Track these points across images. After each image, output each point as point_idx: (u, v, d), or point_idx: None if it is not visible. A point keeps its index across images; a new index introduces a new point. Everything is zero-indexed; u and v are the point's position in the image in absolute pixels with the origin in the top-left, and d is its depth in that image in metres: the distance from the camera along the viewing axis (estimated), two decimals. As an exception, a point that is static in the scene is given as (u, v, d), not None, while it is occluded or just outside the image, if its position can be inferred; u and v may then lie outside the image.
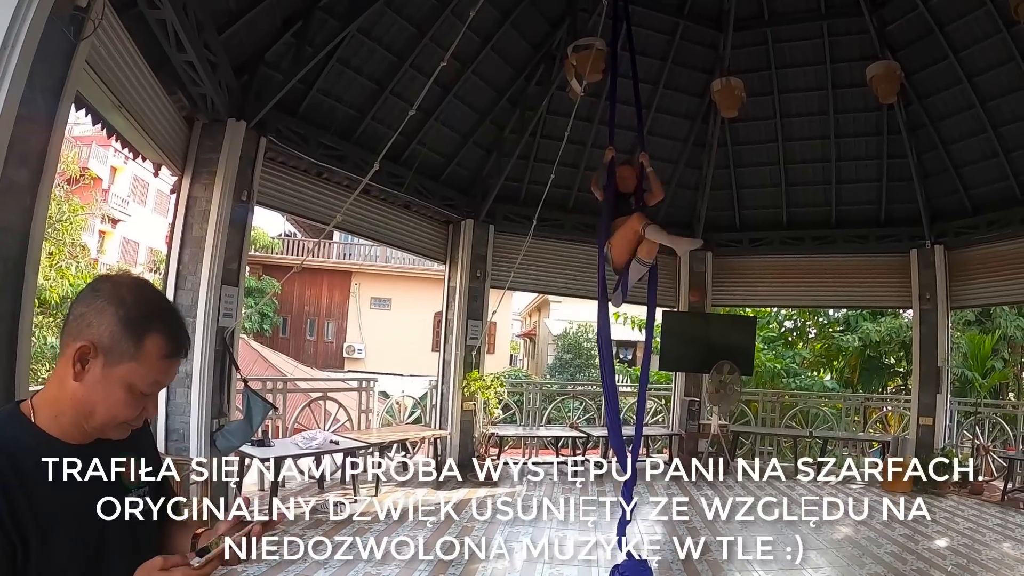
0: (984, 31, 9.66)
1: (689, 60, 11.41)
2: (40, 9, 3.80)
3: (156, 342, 1.48)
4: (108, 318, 1.46)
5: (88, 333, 1.46)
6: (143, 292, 1.53)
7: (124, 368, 1.47)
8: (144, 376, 1.49)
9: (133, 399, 1.50)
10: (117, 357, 1.46)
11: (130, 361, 1.47)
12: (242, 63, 7.70)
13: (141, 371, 1.48)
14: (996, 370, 16.78)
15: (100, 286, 1.51)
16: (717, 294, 13.04)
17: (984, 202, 11.06)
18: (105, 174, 25.88)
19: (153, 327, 1.49)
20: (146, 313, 1.49)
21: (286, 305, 26.40)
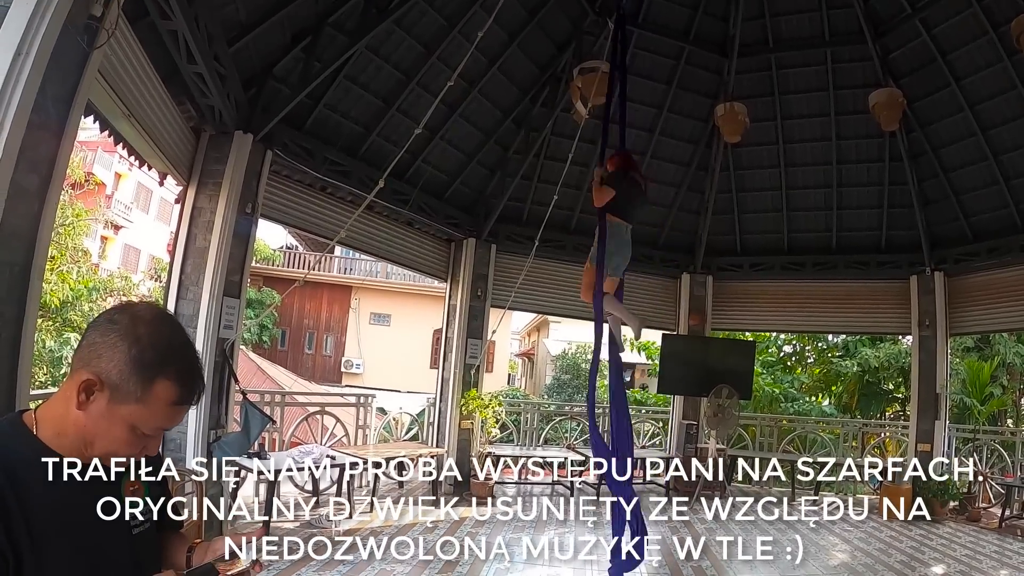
0: (986, 60, 9.76)
1: (693, 85, 11.50)
2: (55, 17, 3.83)
3: (166, 388, 1.44)
4: (119, 355, 1.42)
5: (97, 365, 1.42)
6: (160, 333, 1.47)
7: (128, 409, 1.43)
8: (148, 420, 1.46)
9: (134, 438, 1.47)
10: (123, 396, 1.42)
11: (135, 403, 1.43)
12: (251, 76, 7.75)
13: (146, 414, 1.45)
14: (995, 397, 16.80)
15: (118, 318, 1.46)
16: (717, 318, 13.05)
17: (984, 229, 11.12)
18: (109, 180, 25.96)
19: (165, 372, 1.44)
20: (160, 357, 1.44)
21: (285, 318, 26.38)
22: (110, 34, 4.28)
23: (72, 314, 16.06)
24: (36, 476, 1.42)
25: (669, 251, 12.90)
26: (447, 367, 11.50)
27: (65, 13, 3.91)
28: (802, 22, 10.67)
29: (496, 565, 6.67)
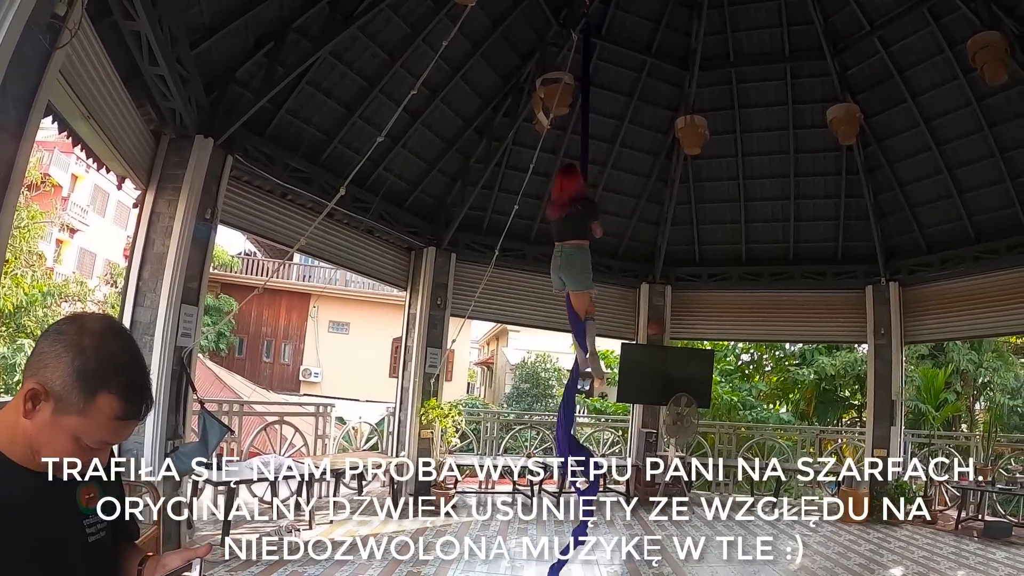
0: (942, 77, 10.05)
1: (655, 97, 11.62)
2: (18, 15, 3.74)
3: (109, 402, 1.41)
4: (63, 366, 1.39)
5: (43, 375, 1.40)
6: (107, 346, 1.43)
7: (71, 421, 1.41)
8: (91, 433, 1.43)
9: (79, 450, 1.44)
10: (66, 408, 1.40)
11: (78, 415, 1.40)
12: (212, 79, 7.64)
13: (89, 427, 1.42)
14: (949, 403, 17.23)
15: (66, 328, 1.44)
16: (676, 327, 13.15)
17: (938, 241, 11.41)
18: (66, 182, 25.37)
19: (107, 386, 1.41)
20: (103, 370, 1.41)
21: (243, 325, 26.01)
22: (73, 33, 4.18)
23: (26, 320, 15.64)
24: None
25: (628, 261, 12.98)
26: (407, 376, 11.42)
27: (28, 11, 3.82)
28: (763, 37, 10.87)
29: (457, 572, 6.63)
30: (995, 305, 10.93)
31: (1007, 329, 12.45)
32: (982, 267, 10.94)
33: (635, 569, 7.15)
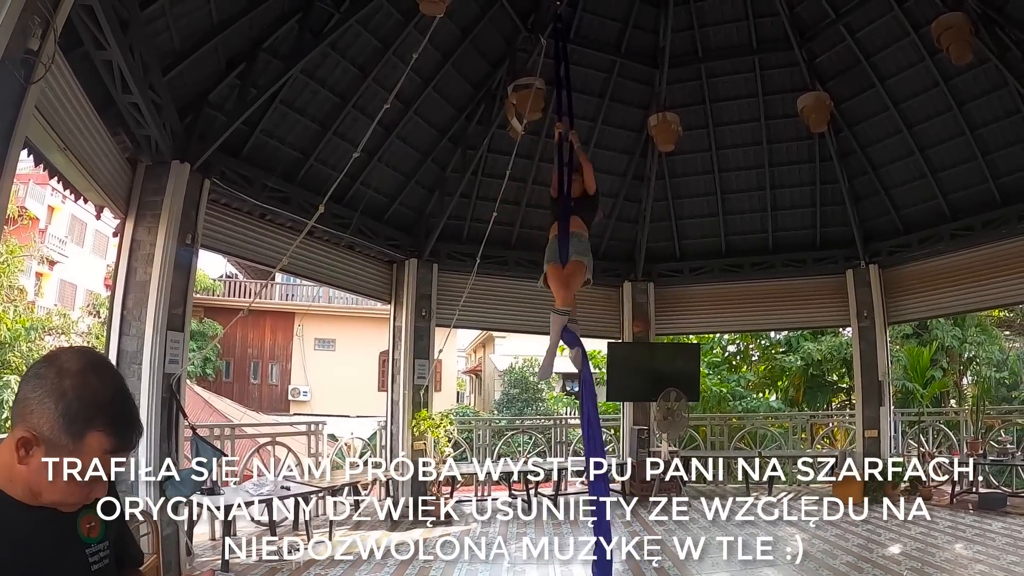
0: (909, 60, 10.19)
1: (626, 96, 11.69)
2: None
3: (97, 439, 1.42)
4: (47, 412, 1.40)
5: (30, 421, 1.41)
6: (87, 385, 1.43)
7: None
8: (90, 461, 1.44)
9: (77, 487, 1.45)
10: (57, 451, 1.41)
11: (70, 456, 1.41)
12: (186, 104, 7.64)
13: (84, 464, 1.43)
14: (936, 379, 17.40)
15: (44, 372, 1.43)
16: (660, 323, 13.22)
17: (915, 221, 11.56)
18: (43, 214, 25.11)
19: (94, 425, 1.42)
20: (87, 409, 1.41)
21: (229, 348, 25.86)
22: (47, 68, 4.18)
23: (11, 355, 15.45)
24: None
25: (609, 261, 13.02)
26: (396, 389, 11.41)
27: (2, 48, 3.80)
28: (730, 32, 10.97)
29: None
30: (975, 280, 11.08)
31: (988, 303, 12.62)
32: (959, 244, 11.09)
33: (636, 567, 7.19)
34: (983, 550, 7.49)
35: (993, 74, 9.65)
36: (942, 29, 8.19)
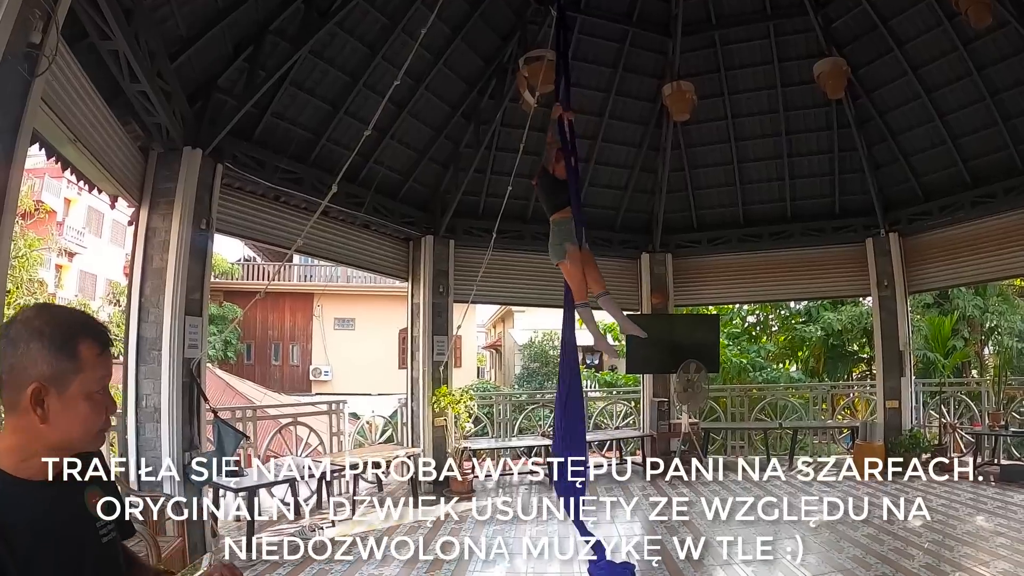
0: (926, 23, 9.97)
1: (639, 66, 11.54)
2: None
3: (87, 346, 1.54)
4: (38, 353, 1.50)
5: (29, 374, 1.49)
6: (52, 315, 1.57)
7: (76, 384, 1.52)
8: (94, 381, 1.55)
9: (96, 405, 1.56)
10: (66, 380, 1.51)
11: (75, 375, 1.52)
12: (195, 90, 7.63)
13: (90, 377, 1.54)
14: (957, 349, 17.25)
15: (12, 333, 1.53)
16: (679, 295, 13.17)
17: (935, 188, 11.38)
18: (59, 207, 25.31)
19: (78, 336, 1.54)
20: (67, 329, 1.53)
21: (249, 331, 26.07)
22: (51, 61, 4.17)
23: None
24: (9, 505, 1.48)
25: (627, 232, 12.97)
26: (415, 366, 11.46)
27: (4, 43, 3.80)
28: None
29: (482, 562, 6.70)
30: (997, 249, 10.91)
31: (1011, 272, 12.40)
32: (981, 212, 10.91)
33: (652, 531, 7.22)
34: (1004, 523, 7.45)
35: (1014, 37, 9.42)
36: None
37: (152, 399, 7.21)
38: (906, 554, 6.48)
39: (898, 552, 6.54)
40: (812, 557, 6.42)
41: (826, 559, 6.42)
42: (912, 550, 6.58)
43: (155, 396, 7.21)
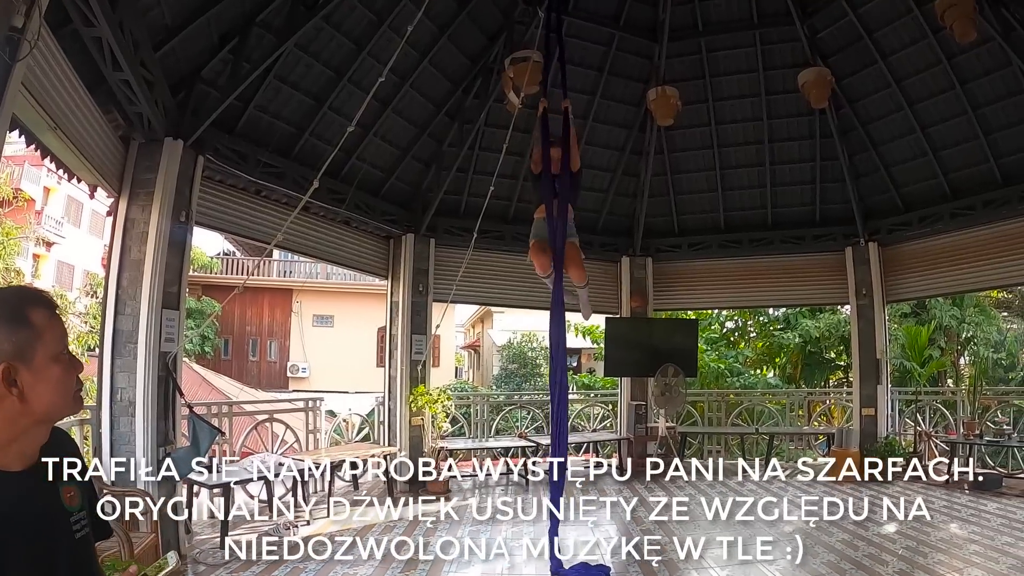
0: (912, 36, 10.08)
1: (625, 70, 11.57)
2: (-26, 31, 3.66)
3: (39, 313, 1.54)
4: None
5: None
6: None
7: (40, 351, 1.51)
8: (55, 341, 1.55)
9: (65, 366, 1.55)
10: (29, 350, 1.50)
11: (37, 342, 1.51)
12: (178, 81, 7.53)
13: (50, 339, 1.54)
14: (934, 359, 17.45)
15: None
16: (659, 299, 13.22)
17: (915, 199, 11.50)
18: (38, 195, 24.94)
19: (24, 307, 1.53)
20: (15, 302, 1.54)
21: (227, 326, 25.86)
22: (32, 45, 4.09)
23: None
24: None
25: (608, 235, 12.99)
26: (393, 365, 11.40)
27: (-15, 27, 3.73)
28: (731, 5, 10.83)
29: (456, 562, 6.68)
30: (974, 260, 11.06)
31: (988, 283, 12.62)
32: (960, 223, 11.04)
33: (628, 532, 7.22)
34: (978, 530, 7.52)
35: (997, 53, 9.55)
36: (946, 6, 8.05)
37: (127, 393, 7.11)
38: (880, 560, 6.53)
39: (872, 558, 6.59)
40: (787, 562, 6.43)
41: (801, 564, 6.44)
42: (886, 556, 6.63)
43: (130, 390, 7.11)
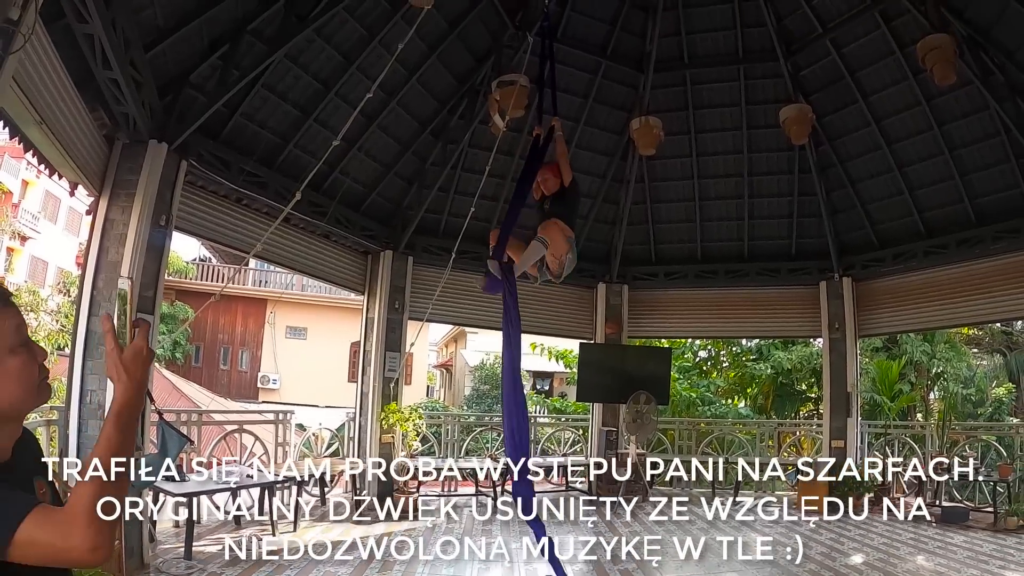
0: (892, 77, 10.33)
1: (610, 99, 11.70)
2: (-31, 20, 3.64)
3: None
4: None
5: None
6: None
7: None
8: (10, 333, 1.50)
9: (22, 358, 1.50)
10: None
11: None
12: (166, 83, 7.51)
13: (4, 332, 1.49)
14: (904, 393, 17.64)
15: None
16: (633, 326, 13.26)
17: (890, 236, 11.70)
18: (16, 188, 24.58)
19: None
20: None
21: (199, 333, 25.51)
22: (27, 38, 4.07)
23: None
24: None
25: (585, 261, 12.89)
26: (366, 381, 11.33)
27: (-20, 17, 3.71)
28: (717, 40, 11.03)
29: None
30: (947, 298, 11.27)
31: (959, 321, 12.86)
32: (933, 261, 11.25)
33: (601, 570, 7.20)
34: (944, 563, 7.59)
35: (975, 96, 9.80)
36: (927, 49, 8.28)
37: (97, 396, 7.00)
38: (847, 592, 6.56)
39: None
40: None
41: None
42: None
43: (100, 393, 7.00)
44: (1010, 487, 9.84)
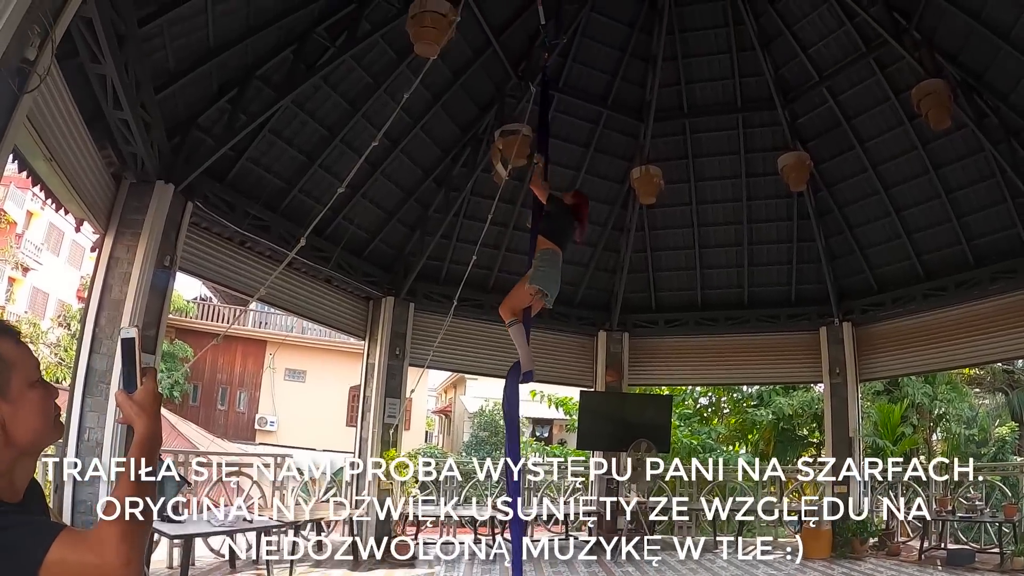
0: (888, 123, 10.51)
1: (611, 148, 11.88)
2: (-13, 61, 3.73)
3: (4, 343, 1.51)
4: None
5: None
6: None
7: (15, 381, 1.48)
8: (29, 369, 1.51)
9: (40, 392, 1.51)
10: (4, 382, 1.47)
11: (11, 372, 1.48)
12: (175, 125, 7.66)
13: (23, 367, 1.50)
14: (906, 436, 17.45)
15: None
16: (634, 374, 13.23)
17: (889, 280, 11.77)
18: (20, 218, 24.64)
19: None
20: None
21: (197, 372, 25.34)
22: (42, 79, 4.17)
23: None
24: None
25: (585, 309, 13.08)
26: (365, 426, 11.28)
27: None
28: (716, 89, 11.26)
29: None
30: (947, 340, 11.28)
31: (959, 362, 12.84)
32: (932, 304, 11.29)
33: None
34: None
35: (970, 139, 9.95)
36: (922, 95, 8.41)
37: (95, 433, 7.00)
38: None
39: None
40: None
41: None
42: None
43: (98, 430, 7.00)
44: (1016, 527, 9.71)
